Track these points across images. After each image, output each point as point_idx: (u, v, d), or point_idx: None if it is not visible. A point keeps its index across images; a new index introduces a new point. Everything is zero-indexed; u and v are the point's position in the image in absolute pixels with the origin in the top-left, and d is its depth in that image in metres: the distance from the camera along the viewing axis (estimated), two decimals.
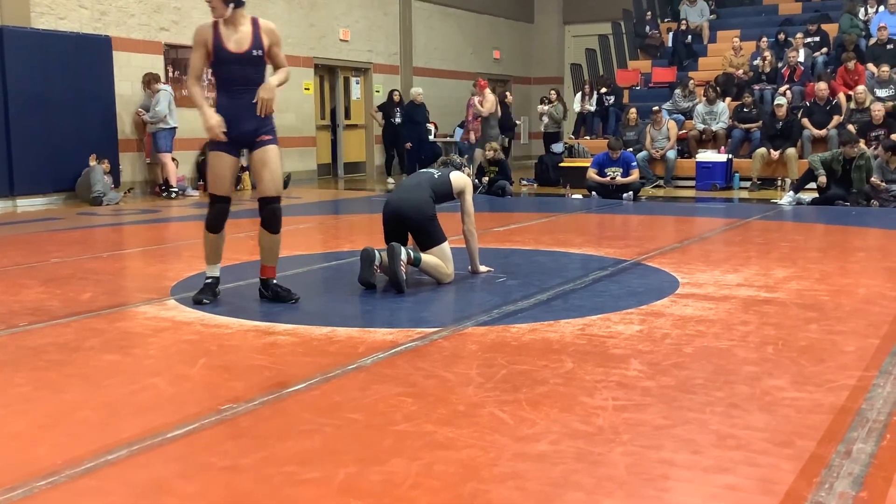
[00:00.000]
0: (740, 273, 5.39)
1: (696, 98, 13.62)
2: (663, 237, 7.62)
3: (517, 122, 16.78)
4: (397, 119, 14.93)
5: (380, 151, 17.19)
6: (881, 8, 14.27)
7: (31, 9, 11.08)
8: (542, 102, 15.20)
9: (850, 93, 12.24)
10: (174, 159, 12.18)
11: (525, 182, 13.66)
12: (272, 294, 4.70)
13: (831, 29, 14.40)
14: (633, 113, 13.40)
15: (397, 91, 15.35)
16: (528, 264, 5.95)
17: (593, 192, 11.28)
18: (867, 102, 11.77)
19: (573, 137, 14.84)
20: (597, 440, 2.58)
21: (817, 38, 14.22)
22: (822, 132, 11.98)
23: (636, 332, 3.92)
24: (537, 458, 2.45)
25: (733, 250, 6.64)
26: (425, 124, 15.20)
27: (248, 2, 4.58)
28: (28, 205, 10.86)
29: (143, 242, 7.83)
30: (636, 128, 13.27)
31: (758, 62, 13.85)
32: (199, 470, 2.41)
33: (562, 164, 13.30)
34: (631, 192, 10.90)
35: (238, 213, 10.52)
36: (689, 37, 15.97)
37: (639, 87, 15.58)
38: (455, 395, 3.04)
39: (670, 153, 12.71)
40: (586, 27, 20.57)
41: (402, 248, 4.91)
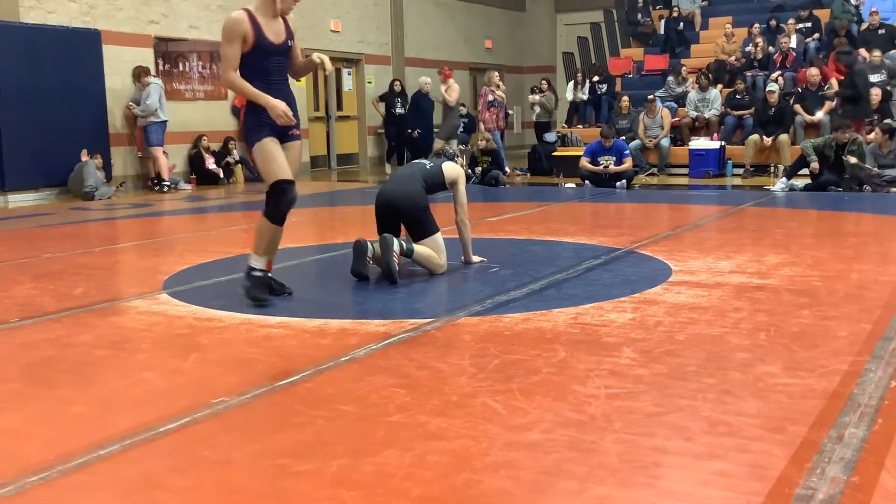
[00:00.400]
0: (733, 260, 5.40)
1: (688, 84, 13.62)
2: (656, 225, 7.62)
3: (510, 111, 16.72)
4: (398, 109, 14.88)
5: (373, 143, 17.15)
6: None
7: (19, 3, 11.02)
8: (532, 92, 15.18)
9: (842, 78, 12.24)
10: (165, 153, 12.15)
11: (518, 171, 13.65)
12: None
13: (823, 14, 14.39)
14: (626, 101, 13.38)
15: (399, 81, 15.30)
16: (522, 254, 5.95)
17: (586, 181, 11.27)
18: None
19: (566, 126, 14.83)
20: (589, 428, 2.58)
21: (809, 24, 14.22)
22: (815, 118, 11.98)
23: (629, 320, 3.92)
24: (530, 447, 2.45)
25: (726, 237, 6.65)
26: (432, 113, 15.08)
27: None
28: (19, 200, 10.82)
29: (136, 237, 7.81)
30: (629, 116, 13.26)
31: (750, 49, 13.85)
32: (192, 464, 2.41)
33: (555, 154, 13.29)
34: (624, 181, 10.90)
35: (233, 206, 10.51)
36: (681, 24, 15.95)
37: (631, 75, 15.55)
38: (448, 385, 3.04)
39: (664, 141, 12.71)
40: (578, 15, 20.53)
41: (394, 240, 4.91)
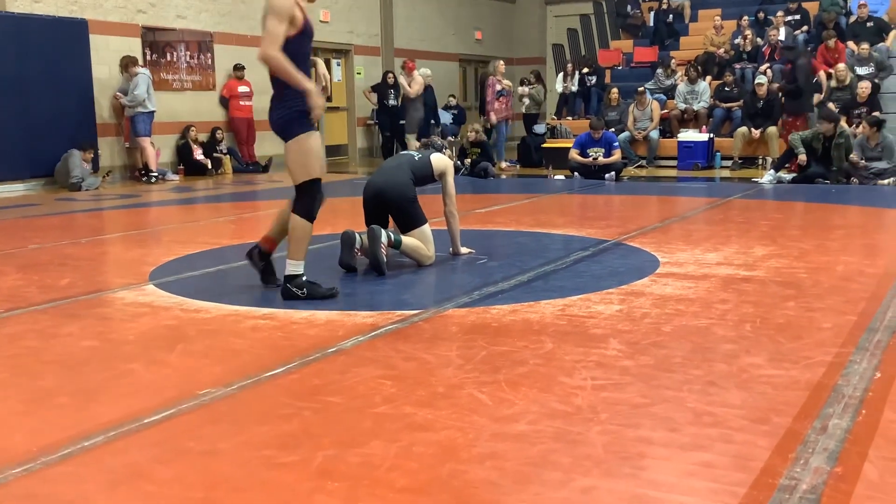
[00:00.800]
0: (720, 252, 5.41)
1: (677, 76, 13.63)
2: (645, 217, 7.64)
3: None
4: (391, 101, 14.83)
5: (362, 134, 17.10)
6: None
7: None
8: (522, 84, 15.16)
9: (831, 71, 12.28)
10: (153, 143, 12.08)
11: (507, 163, 13.64)
12: (263, 267, 4.60)
13: (812, 7, 14.42)
14: (615, 93, 13.39)
15: (391, 73, 15.25)
16: (510, 245, 5.95)
17: (575, 173, 11.28)
18: (848, 80, 11.80)
19: (555, 118, 14.82)
20: (575, 419, 2.59)
21: (798, 16, 14.24)
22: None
23: (616, 311, 3.93)
24: (516, 438, 2.45)
25: (714, 229, 6.67)
26: (433, 106, 15.01)
27: None
28: (6, 191, 10.74)
29: (123, 228, 7.77)
30: (618, 108, 13.27)
31: (739, 41, 13.87)
32: (177, 455, 2.40)
33: (544, 146, 13.29)
34: (613, 173, 10.91)
35: (221, 197, 10.48)
36: (671, 16, 15.96)
37: (620, 67, 15.56)
38: (435, 376, 3.04)
39: (653, 133, 12.73)
40: (568, 7, 20.47)
41: (382, 231, 4.90)
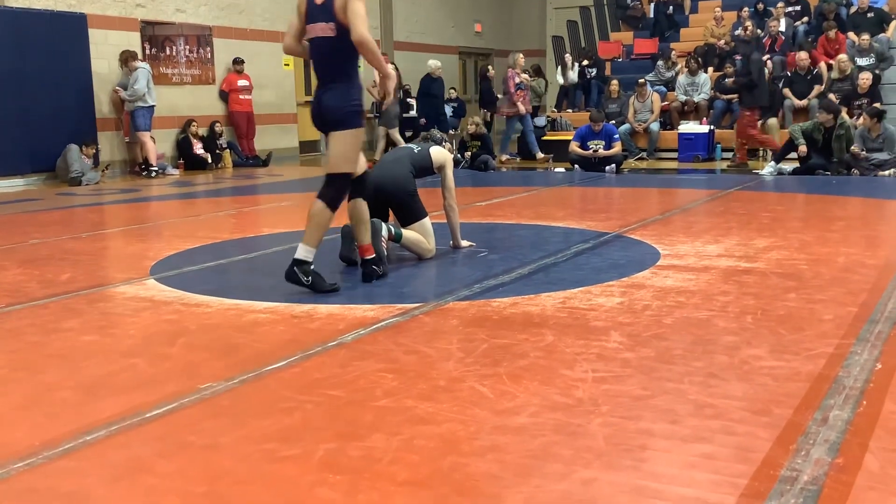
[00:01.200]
0: (721, 244, 5.41)
1: (678, 68, 13.61)
2: (645, 209, 7.63)
3: (499, 95, 16.67)
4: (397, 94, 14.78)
5: (367, 127, 17.05)
6: None
7: None
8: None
9: (831, 62, 12.25)
10: (153, 138, 12.07)
11: (507, 156, 13.62)
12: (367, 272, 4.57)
13: None
14: (615, 85, 13.36)
15: (393, 64, 15.21)
16: (510, 238, 5.95)
17: (576, 166, 11.27)
18: (849, 71, 11.78)
19: (555, 111, 14.80)
20: (576, 412, 2.59)
21: (798, 7, 14.22)
22: (804, 102, 12.00)
23: (617, 304, 3.93)
24: (517, 431, 2.46)
25: (714, 221, 6.66)
26: (442, 98, 14.96)
27: None
28: (6, 186, 10.74)
29: (123, 222, 7.77)
30: (618, 100, 13.25)
31: (739, 32, 13.82)
32: (179, 449, 2.40)
33: (544, 138, 13.27)
34: (613, 165, 10.89)
35: (221, 192, 10.47)
36: (671, 8, 15.92)
37: (621, 59, 15.53)
38: (435, 370, 3.05)
39: (654, 125, 12.71)
40: None
41: (382, 224, 4.89)
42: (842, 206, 7.50)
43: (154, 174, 11.82)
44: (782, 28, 13.56)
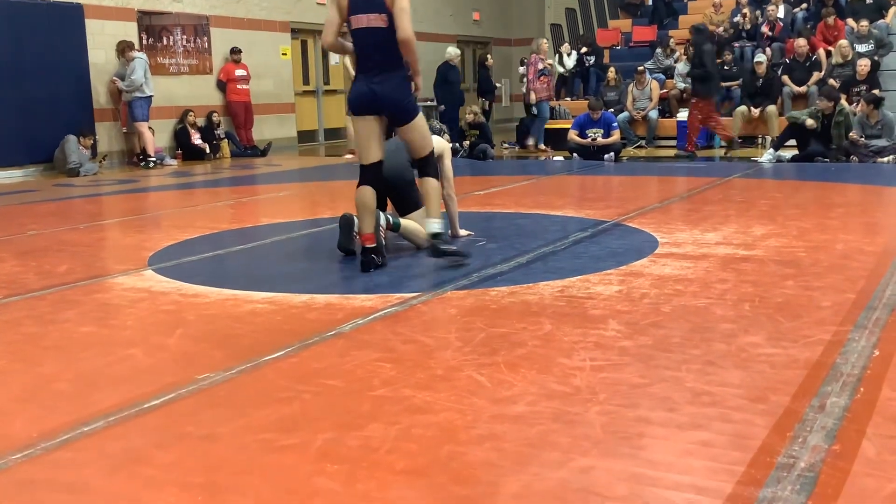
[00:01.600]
0: (719, 231, 5.41)
1: (676, 56, 13.57)
2: (644, 197, 7.62)
3: (497, 84, 16.65)
4: None
5: None
6: None
7: None
8: (521, 64, 15.08)
9: (830, 48, 12.22)
10: (151, 128, 12.05)
11: (506, 145, 13.60)
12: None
13: None
14: (613, 73, 13.33)
15: None
16: (509, 227, 5.95)
17: (574, 154, 11.25)
18: (850, 56, 11.74)
19: (554, 99, 14.74)
20: (574, 400, 2.59)
21: None
22: (803, 89, 11.97)
23: (615, 292, 3.93)
24: (514, 420, 2.46)
25: (713, 209, 6.65)
26: (459, 85, 14.83)
27: None
28: (4, 177, 10.72)
29: (121, 213, 7.76)
30: (617, 88, 13.21)
31: (738, 19, 13.79)
32: (177, 439, 2.41)
33: (543, 126, 13.22)
34: (612, 153, 10.88)
35: (219, 182, 10.46)
36: None
37: (619, 47, 15.49)
38: (433, 359, 3.05)
39: (652, 113, 12.68)
40: None
41: (381, 214, 4.88)
42: (841, 193, 7.49)
43: (152, 165, 11.80)
44: (781, 15, 13.52)
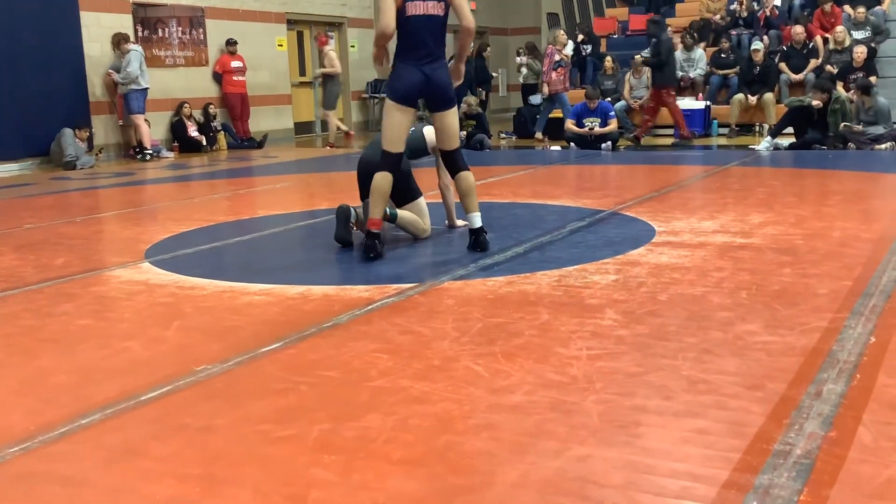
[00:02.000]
0: (717, 220, 5.40)
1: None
2: (641, 186, 7.62)
3: (494, 74, 16.64)
4: None
5: (357, 108, 16.99)
6: None
7: None
8: (519, 54, 15.05)
9: (828, 35, 12.19)
10: (147, 121, 12.02)
11: (504, 135, 13.58)
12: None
13: None
14: (610, 61, 13.30)
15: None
16: (506, 217, 5.94)
17: (571, 143, 11.24)
18: (847, 42, 11.71)
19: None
20: (570, 389, 2.60)
21: None
22: (800, 76, 11.96)
23: (612, 281, 3.93)
24: (511, 409, 2.46)
25: (710, 197, 6.66)
26: (467, 78, 14.73)
27: None
28: (0, 171, 10.70)
29: (118, 206, 7.75)
30: (614, 77, 13.19)
31: (734, 7, 13.76)
32: (174, 431, 2.41)
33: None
34: (609, 142, 10.87)
35: (216, 174, 10.44)
36: None
37: (616, 36, 15.45)
38: (430, 349, 3.05)
39: None
40: None
41: None
42: (838, 181, 7.49)
43: (148, 157, 11.77)
44: (777, 2, 13.48)
